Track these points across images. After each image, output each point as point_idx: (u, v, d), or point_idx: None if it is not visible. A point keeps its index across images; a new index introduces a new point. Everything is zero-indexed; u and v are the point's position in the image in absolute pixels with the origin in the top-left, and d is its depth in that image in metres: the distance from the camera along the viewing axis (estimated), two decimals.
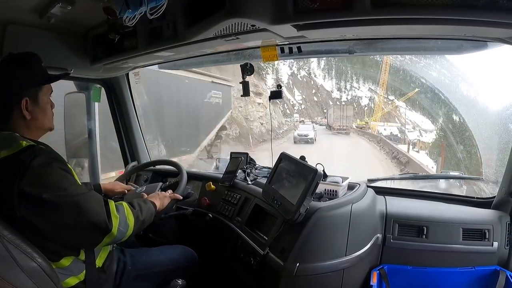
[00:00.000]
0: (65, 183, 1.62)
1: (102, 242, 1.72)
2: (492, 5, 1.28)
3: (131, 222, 1.82)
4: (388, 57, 43.08)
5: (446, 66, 38.29)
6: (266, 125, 38.06)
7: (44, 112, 1.80)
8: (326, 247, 2.02)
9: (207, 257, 2.56)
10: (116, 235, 1.73)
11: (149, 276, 2.14)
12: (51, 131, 1.89)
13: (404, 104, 55.34)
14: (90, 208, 1.65)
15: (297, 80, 73.20)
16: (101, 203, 1.72)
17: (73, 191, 1.62)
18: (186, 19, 1.92)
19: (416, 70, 40.40)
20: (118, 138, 3.66)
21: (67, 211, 1.59)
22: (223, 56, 2.86)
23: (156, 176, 3.29)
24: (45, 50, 2.22)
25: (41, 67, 1.80)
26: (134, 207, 1.92)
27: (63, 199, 1.58)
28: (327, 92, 73.29)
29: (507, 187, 2.24)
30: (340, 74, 72.93)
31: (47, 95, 1.83)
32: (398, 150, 30.82)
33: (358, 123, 56.33)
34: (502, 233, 2.19)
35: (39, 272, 1.43)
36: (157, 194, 2.26)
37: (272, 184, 2.30)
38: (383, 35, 2.16)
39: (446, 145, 26.28)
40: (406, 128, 53.49)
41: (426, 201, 2.56)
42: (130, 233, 1.82)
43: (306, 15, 1.50)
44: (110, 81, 3.34)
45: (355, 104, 67.10)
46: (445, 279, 2.19)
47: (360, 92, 70.48)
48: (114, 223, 1.72)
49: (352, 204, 2.11)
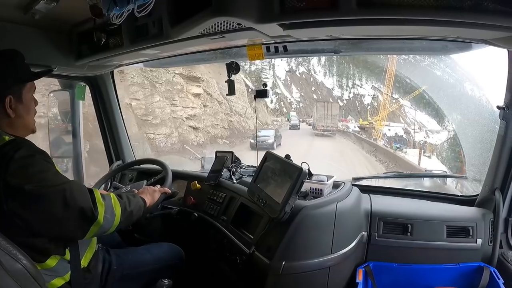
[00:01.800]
0: (48, 174, 1.62)
1: (89, 231, 1.70)
2: (477, 7, 1.29)
3: (118, 212, 1.81)
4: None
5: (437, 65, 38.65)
6: (208, 129, 28.17)
7: (28, 110, 1.79)
8: (312, 245, 2.03)
9: (193, 257, 2.55)
10: (102, 223, 1.72)
11: (135, 275, 2.12)
12: (33, 133, 1.86)
13: (409, 103, 53.00)
14: (75, 196, 1.63)
15: (295, 77, 71.56)
16: (85, 191, 1.72)
17: (56, 181, 1.62)
18: (172, 17, 1.91)
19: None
20: (103, 137, 3.62)
21: (52, 201, 1.58)
22: (208, 54, 2.85)
23: (141, 175, 3.26)
24: (29, 47, 2.19)
25: (25, 64, 1.78)
26: (122, 198, 1.91)
27: (47, 189, 1.57)
28: (327, 89, 71.32)
29: (490, 185, 2.28)
30: (341, 71, 70.72)
31: (31, 92, 1.81)
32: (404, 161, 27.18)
33: (360, 122, 53.86)
34: (485, 230, 2.23)
35: (25, 274, 1.40)
36: (146, 189, 2.25)
37: (258, 183, 2.31)
38: (368, 35, 2.16)
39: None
40: (412, 129, 50.84)
41: (411, 199, 2.59)
42: (118, 223, 1.81)
43: (292, 14, 1.49)
44: (94, 79, 3.31)
45: (358, 103, 65.46)
46: (430, 275, 2.22)
47: (362, 90, 68.60)
48: (100, 210, 1.71)
49: (337, 203, 2.13)
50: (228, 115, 34.51)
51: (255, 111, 28.09)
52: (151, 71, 22.12)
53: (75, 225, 1.67)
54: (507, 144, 2.14)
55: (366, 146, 37.06)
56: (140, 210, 2.01)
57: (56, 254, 1.71)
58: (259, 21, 1.56)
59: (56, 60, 2.60)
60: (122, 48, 2.30)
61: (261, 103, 50.41)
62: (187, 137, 25.50)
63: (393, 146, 42.08)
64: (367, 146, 36.98)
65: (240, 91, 38.14)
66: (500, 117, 2.11)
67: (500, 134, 2.14)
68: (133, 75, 20.99)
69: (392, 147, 40.92)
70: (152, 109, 22.55)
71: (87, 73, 3.02)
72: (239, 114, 37.51)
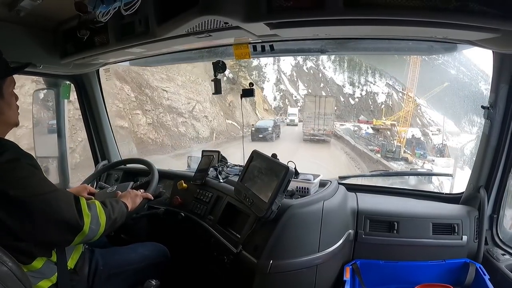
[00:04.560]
0: (34, 180, 1.59)
1: (74, 241, 1.69)
2: (463, 8, 1.30)
3: (103, 221, 1.80)
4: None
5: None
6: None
7: (9, 105, 1.74)
8: (299, 243, 2.04)
9: (181, 256, 2.54)
10: (87, 233, 1.70)
11: (121, 275, 2.11)
12: (17, 126, 1.82)
13: (425, 102, 47.55)
14: (61, 206, 1.61)
15: (302, 72, 67.40)
16: (71, 201, 1.69)
17: (42, 189, 1.59)
18: (159, 15, 1.90)
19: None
20: (88, 136, 3.59)
21: (37, 210, 1.55)
22: (195, 53, 2.85)
23: (127, 175, 3.25)
24: (14, 44, 2.18)
25: (2, 59, 1.74)
26: (106, 206, 1.89)
27: (32, 198, 1.54)
28: (337, 86, 65.48)
29: (475, 183, 2.32)
30: (353, 67, 65.50)
31: (11, 88, 1.77)
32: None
33: (374, 123, 47.38)
34: (471, 227, 2.28)
35: (11, 277, 1.39)
36: (128, 193, 2.23)
37: (244, 182, 2.31)
38: (355, 35, 2.19)
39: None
40: (430, 130, 45.67)
41: (397, 197, 2.62)
42: (102, 231, 1.80)
43: (279, 13, 1.50)
44: (80, 77, 3.28)
45: (370, 101, 60.89)
46: (416, 272, 2.25)
47: (376, 88, 63.43)
48: (86, 221, 1.69)
49: (324, 201, 2.14)
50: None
51: (241, 110, 27.03)
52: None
53: (60, 234, 1.66)
54: (491, 143, 2.18)
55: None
56: (123, 216, 2.00)
57: (42, 256, 1.69)
58: (246, 20, 1.57)
59: (41, 58, 2.57)
60: (108, 46, 2.28)
61: (260, 100, 46.72)
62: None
63: (416, 153, 34.78)
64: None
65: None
66: (485, 116, 2.14)
67: (485, 133, 2.18)
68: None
69: (415, 154, 34.28)
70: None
71: (73, 71, 3.00)
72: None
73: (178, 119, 26.45)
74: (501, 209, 2.33)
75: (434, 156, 34.02)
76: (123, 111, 19.87)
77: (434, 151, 36.76)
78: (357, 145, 33.34)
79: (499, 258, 2.20)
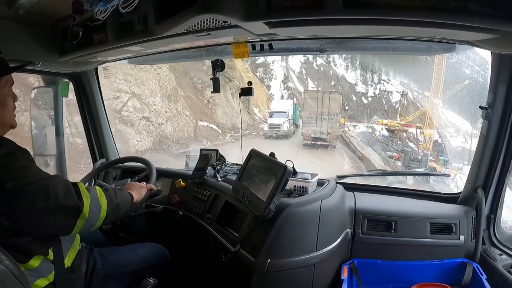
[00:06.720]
0: (30, 170, 1.60)
1: (76, 226, 1.68)
2: (462, 8, 1.30)
3: (104, 203, 1.79)
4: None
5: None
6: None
7: (4, 105, 1.71)
8: (297, 242, 2.04)
9: (178, 255, 2.54)
10: (88, 216, 1.70)
11: (119, 275, 2.11)
12: (13, 128, 1.79)
13: (441, 102, 42.56)
14: (59, 189, 1.61)
15: (312, 69, 64.56)
16: (68, 184, 1.68)
17: (38, 176, 1.60)
18: (158, 13, 1.90)
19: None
20: (86, 134, 3.59)
21: (35, 196, 1.55)
22: (194, 51, 2.84)
23: (125, 173, 3.23)
24: (12, 42, 2.17)
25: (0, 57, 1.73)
26: (108, 191, 1.88)
27: (28, 185, 1.54)
28: (349, 84, 62.71)
29: (473, 183, 2.32)
30: (366, 65, 62.72)
31: (8, 87, 1.73)
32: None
33: (389, 124, 43.03)
34: (468, 227, 2.28)
35: (8, 275, 1.39)
36: (132, 185, 2.23)
37: (242, 181, 2.31)
38: (354, 35, 2.19)
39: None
40: (448, 132, 42.61)
41: (394, 197, 2.63)
42: (104, 215, 1.79)
43: (279, 12, 1.50)
44: (78, 75, 3.27)
45: (384, 100, 58.35)
46: (414, 271, 2.26)
47: (390, 86, 61.03)
48: (85, 202, 1.69)
49: (321, 200, 2.14)
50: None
51: (240, 109, 26.10)
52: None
53: (61, 220, 1.65)
54: (489, 143, 2.18)
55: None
56: (128, 203, 1.99)
57: (39, 254, 1.69)
58: (245, 19, 1.57)
59: (39, 56, 2.56)
60: (106, 44, 2.28)
61: (264, 99, 44.84)
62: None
63: (440, 159, 30.92)
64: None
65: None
66: (483, 117, 2.14)
67: (483, 134, 2.18)
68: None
69: (439, 161, 30.54)
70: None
71: (71, 69, 3.00)
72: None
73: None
74: (498, 209, 2.34)
75: (459, 163, 28.92)
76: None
77: (456, 156, 32.39)
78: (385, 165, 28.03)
79: (496, 258, 2.21)
